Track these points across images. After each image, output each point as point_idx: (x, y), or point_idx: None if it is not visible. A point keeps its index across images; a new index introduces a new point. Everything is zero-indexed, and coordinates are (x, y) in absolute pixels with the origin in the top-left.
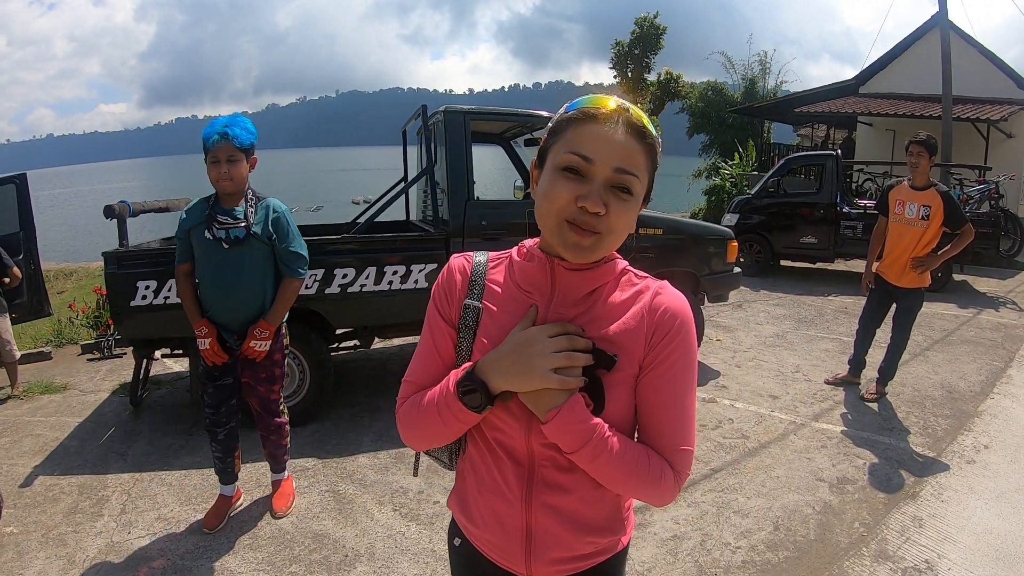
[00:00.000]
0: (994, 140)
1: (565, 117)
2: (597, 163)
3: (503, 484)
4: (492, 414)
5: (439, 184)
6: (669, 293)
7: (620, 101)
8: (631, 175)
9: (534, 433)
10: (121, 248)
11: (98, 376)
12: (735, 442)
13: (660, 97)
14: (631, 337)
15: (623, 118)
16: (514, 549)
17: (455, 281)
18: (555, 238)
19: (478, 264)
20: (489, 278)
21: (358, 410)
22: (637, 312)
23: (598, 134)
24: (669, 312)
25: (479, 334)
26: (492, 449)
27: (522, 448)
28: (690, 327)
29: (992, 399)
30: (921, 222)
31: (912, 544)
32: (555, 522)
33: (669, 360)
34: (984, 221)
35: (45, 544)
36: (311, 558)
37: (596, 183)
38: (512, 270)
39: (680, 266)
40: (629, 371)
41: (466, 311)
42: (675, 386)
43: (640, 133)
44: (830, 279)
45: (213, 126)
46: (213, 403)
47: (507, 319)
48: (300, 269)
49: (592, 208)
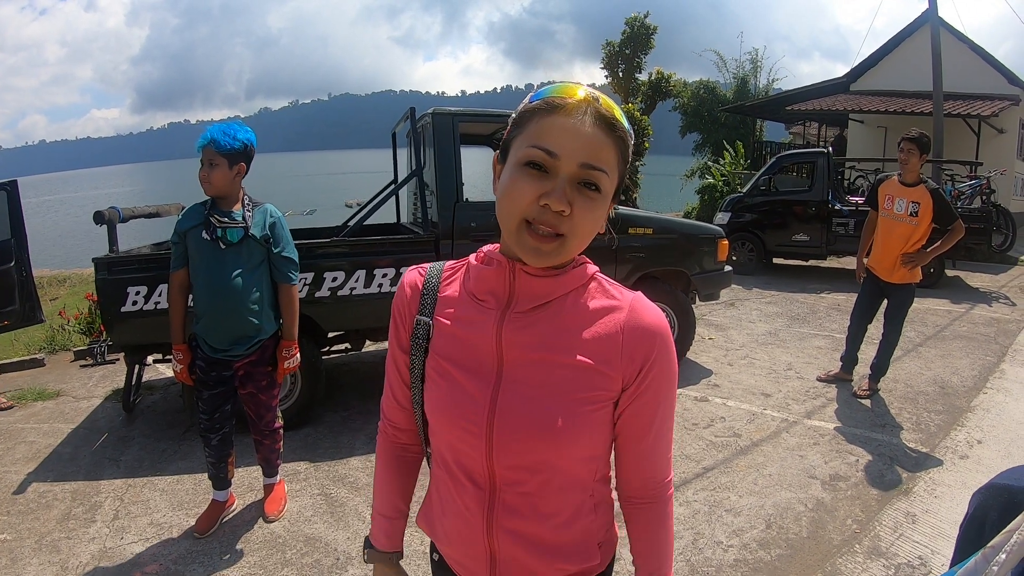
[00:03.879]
0: (985, 136)
1: (529, 108)
2: (562, 158)
3: (464, 508)
4: (450, 433)
5: (428, 186)
6: (647, 309)
7: (590, 90)
8: (599, 171)
9: (496, 454)
10: (111, 254)
11: (91, 382)
12: (727, 440)
13: (651, 97)
14: (606, 356)
15: (592, 108)
16: (480, 571)
17: (405, 297)
18: (514, 240)
19: (431, 276)
20: (442, 289)
21: (350, 413)
22: (612, 329)
23: (564, 126)
24: (649, 331)
25: (431, 351)
26: (452, 471)
27: (482, 470)
28: (671, 344)
29: (985, 394)
30: (910, 218)
31: (905, 540)
32: (520, 548)
33: (654, 385)
34: (976, 216)
35: (38, 550)
36: (303, 561)
37: (561, 179)
38: (468, 277)
39: (671, 265)
40: (606, 393)
41: (417, 327)
42: (660, 410)
43: (610, 125)
44: (822, 276)
45: (208, 131)
46: (207, 409)
47: (460, 333)
48: (292, 274)
49: (555, 207)
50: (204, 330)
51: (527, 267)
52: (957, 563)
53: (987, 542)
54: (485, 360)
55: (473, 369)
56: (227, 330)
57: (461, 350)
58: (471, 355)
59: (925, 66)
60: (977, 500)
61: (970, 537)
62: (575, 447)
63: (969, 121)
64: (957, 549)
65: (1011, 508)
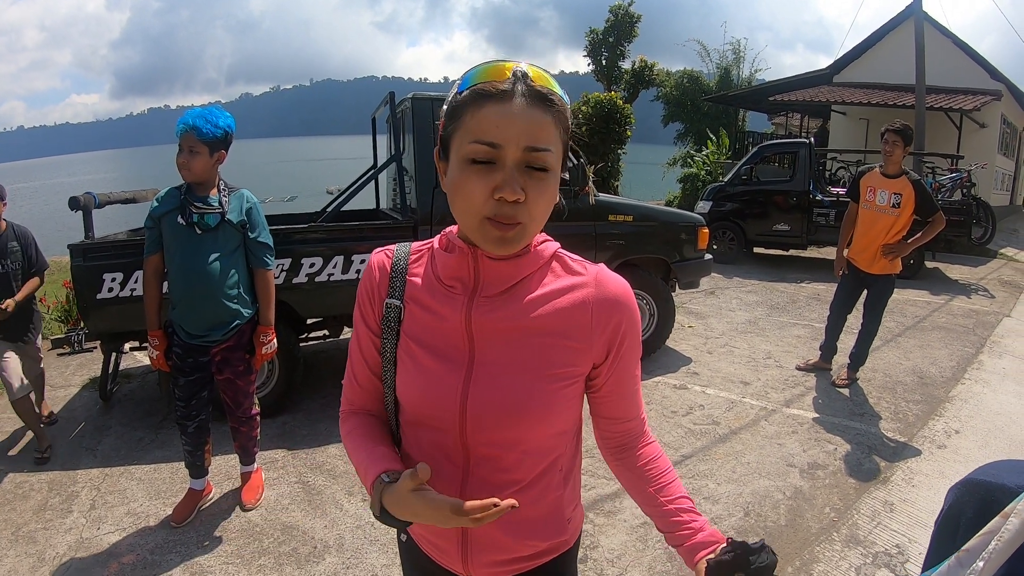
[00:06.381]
0: (967, 129)
1: (460, 99)
2: (505, 147)
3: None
4: (423, 415)
5: (407, 172)
6: (611, 280)
7: (517, 65)
8: (544, 151)
9: (470, 433)
10: (87, 240)
11: (68, 371)
12: (705, 428)
13: (634, 85)
14: (576, 332)
15: (522, 88)
16: (450, 549)
17: (374, 279)
18: (476, 236)
19: (399, 258)
20: (410, 272)
21: (328, 400)
22: (580, 305)
23: (500, 114)
24: (618, 302)
25: (402, 334)
26: (423, 448)
27: (456, 446)
28: (636, 308)
29: (963, 384)
30: (892, 210)
31: (883, 529)
32: (492, 525)
33: (629, 351)
34: (956, 209)
35: (15, 542)
36: (280, 550)
37: (508, 169)
38: (434, 262)
39: (651, 253)
40: (577, 369)
41: (388, 311)
42: (632, 370)
43: (545, 100)
44: (803, 266)
45: (186, 116)
46: (184, 396)
47: (430, 317)
48: (268, 259)
49: (510, 198)
50: (180, 316)
51: (488, 252)
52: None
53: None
54: (457, 343)
55: (445, 352)
56: (204, 316)
57: (432, 334)
58: (442, 339)
59: (908, 59)
60: (953, 496)
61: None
62: (547, 424)
63: (951, 115)
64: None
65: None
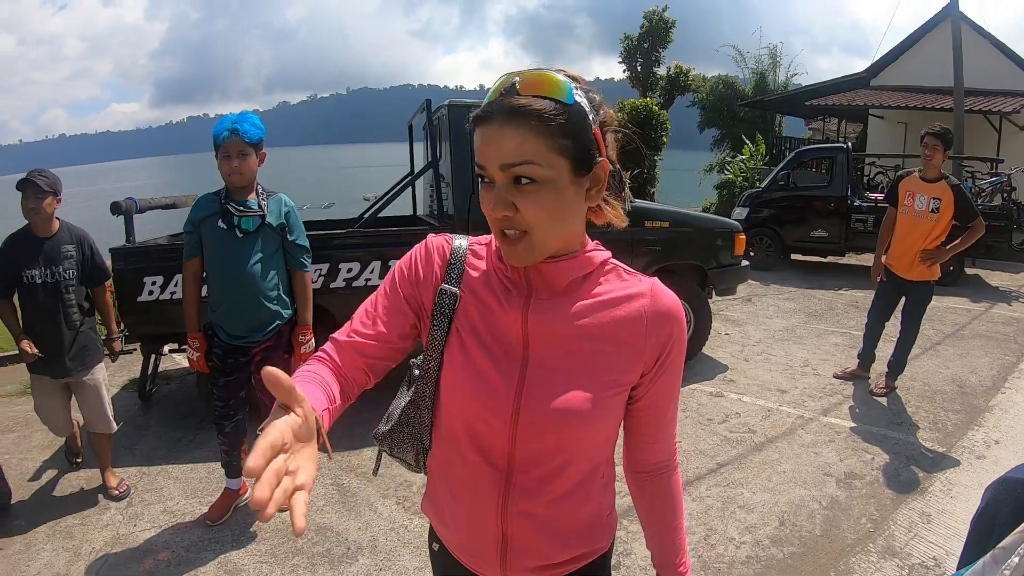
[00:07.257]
0: (1006, 132)
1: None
2: (488, 168)
3: (477, 489)
4: (470, 413)
5: (444, 178)
6: (666, 294)
7: (508, 78)
8: (522, 164)
9: (520, 436)
10: (128, 244)
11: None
12: (742, 436)
13: (670, 91)
14: (629, 340)
15: (500, 105)
16: (489, 556)
17: (432, 262)
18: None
19: (458, 248)
20: (469, 263)
21: (363, 404)
22: (635, 315)
23: (482, 137)
24: (670, 316)
25: (455, 325)
26: (465, 453)
27: (502, 452)
28: (684, 321)
29: (1003, 394)
30: (931, 215)
31: (920, 540)
32: (533, 530)
33: (673, 366)
34: (996, 214)
35: (52, 536)
36: (314, 550)
37: (498, 187)
38: (492, 259)
39: (687, 259)
40: (627, 376)
41: (441, 296)
42: (674, 389)
43: (518, 113)
44: (841, 273)
45: (223, 123)
46: (222, 396)
47: (487, 313)
48: (306, 260)
49: (495, 214)
50: (221, 318)
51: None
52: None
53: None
54: (512, 341)
55: (497, 349)
56: (246, 317)
57: (488, 330)
58: (496, 335)
59: (946, 62)
60: (990, 494)
61: (981, 532)
62: (599, 431)
63: (990, 117)
64: (968, 544)
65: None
